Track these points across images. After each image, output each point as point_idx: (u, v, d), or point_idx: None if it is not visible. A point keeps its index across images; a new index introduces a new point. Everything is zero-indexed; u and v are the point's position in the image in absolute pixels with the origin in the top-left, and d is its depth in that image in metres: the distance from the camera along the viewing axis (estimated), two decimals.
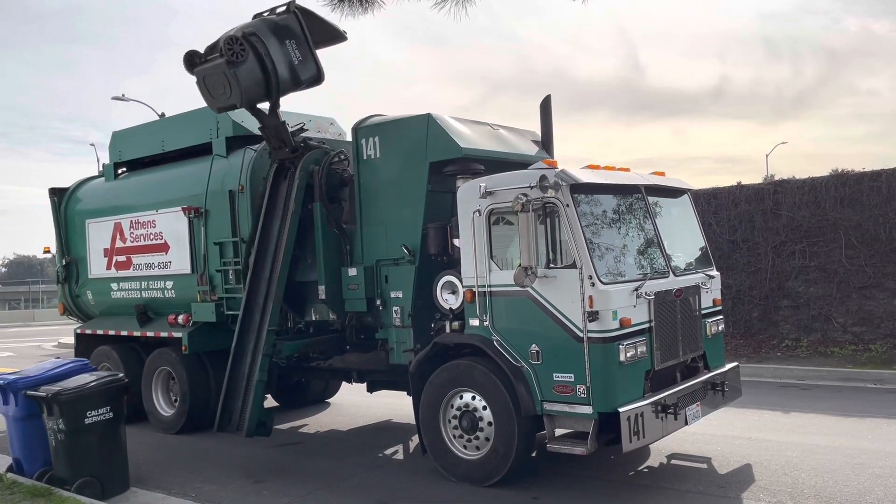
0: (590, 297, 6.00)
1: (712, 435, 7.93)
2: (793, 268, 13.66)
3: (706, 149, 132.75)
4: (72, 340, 11.58)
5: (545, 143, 8.18)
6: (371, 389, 8.79)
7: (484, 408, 6.59)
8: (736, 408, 8.40)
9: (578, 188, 6.32)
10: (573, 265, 6.13)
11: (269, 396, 9.28)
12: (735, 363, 7.69)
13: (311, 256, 8.19)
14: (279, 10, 7.69)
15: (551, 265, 6.28)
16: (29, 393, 6.80)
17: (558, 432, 6.39)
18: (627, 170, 7.23)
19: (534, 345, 6.32)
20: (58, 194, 11.28)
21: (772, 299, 13.89)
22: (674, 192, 7.60)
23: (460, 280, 6.86)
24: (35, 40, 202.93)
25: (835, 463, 6.87)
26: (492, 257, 6.62)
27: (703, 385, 6.96)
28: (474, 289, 6.66)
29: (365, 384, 8.78)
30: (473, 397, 6.67)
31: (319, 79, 7.83)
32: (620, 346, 6.05)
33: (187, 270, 9.32)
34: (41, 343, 25.68)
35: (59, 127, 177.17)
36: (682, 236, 7.57)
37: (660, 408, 6.23)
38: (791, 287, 13.69)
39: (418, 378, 7.04)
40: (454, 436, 6.84)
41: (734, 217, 14.30)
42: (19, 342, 27.50)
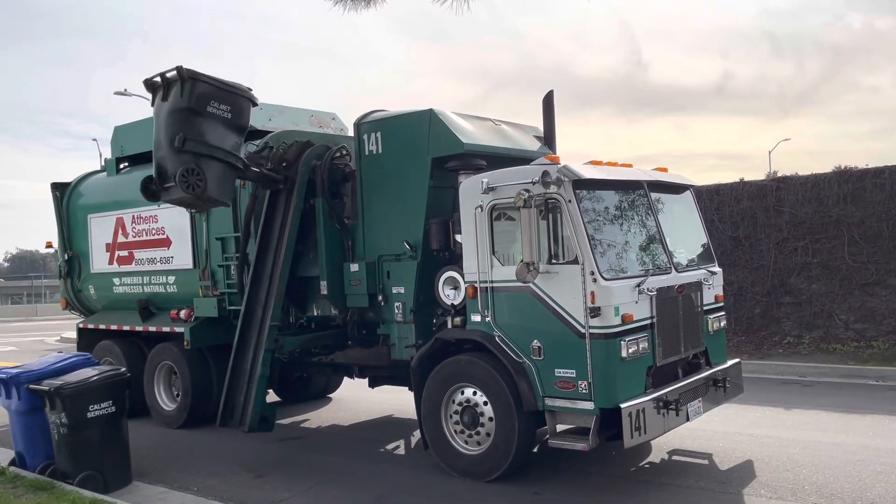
0: (592, 293, 6.00)
1: (714, 431, 7.93)
2: (795, 264, 13.64)
3: (709, 145, 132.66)
4: (74, 335, 11.61)
5: (547, 138, 8.16)
6: (373, 385, 8.83)
7: (485, 403, 6.59)
8: (737, 404, 8.39)
9: (581, 184, 6.31)
10: (575, 261, 6.13)
11: (270, 391, 9.31)
12: (737, 359, 7.69)
13: (313, 252, 8.18)
14: (169, 75, 7.15)
15: (553, 261, 6.28)
16: (31, 387, 6.83)
17: (559, 428, 6.39)
18: (630, 166, 7.23)
19: (535, 340, 6.32)
20: (60, 189, 11.27)
21: (774, 296, 13.88)
22: (676, 189, 7.59)
23: (462, 276, 6.86)
24: (37, 36, 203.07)
25: (836, 459, 6.87)
26: (494, 253, 6.62)
27: (704, 381, 6.96)
28: (476, 284, 6.66)
29: (366, 379, 8.82)
30: (475, 392, 6.68)
31: (253, 103, 7.60)
32: (622, 342, 6.05)
33: (189, 265, 9.33)
34: (44, 338, 25.67)
35: (62, 122, 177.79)
36: (685, 233, 7.57)
37: (661, 404, 6.24)
38: (793, 284, 13.67)
39: (420, 373, 7.05)
40: (455, 431, 6.84)
41: (737, 213, 14.28)
42: (22, 337, 27.57)
